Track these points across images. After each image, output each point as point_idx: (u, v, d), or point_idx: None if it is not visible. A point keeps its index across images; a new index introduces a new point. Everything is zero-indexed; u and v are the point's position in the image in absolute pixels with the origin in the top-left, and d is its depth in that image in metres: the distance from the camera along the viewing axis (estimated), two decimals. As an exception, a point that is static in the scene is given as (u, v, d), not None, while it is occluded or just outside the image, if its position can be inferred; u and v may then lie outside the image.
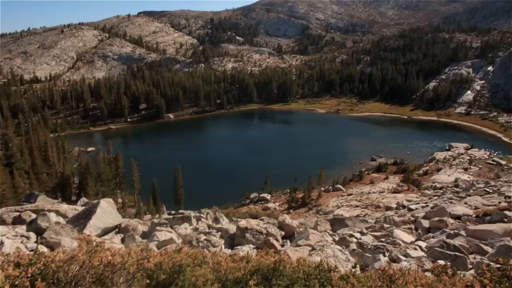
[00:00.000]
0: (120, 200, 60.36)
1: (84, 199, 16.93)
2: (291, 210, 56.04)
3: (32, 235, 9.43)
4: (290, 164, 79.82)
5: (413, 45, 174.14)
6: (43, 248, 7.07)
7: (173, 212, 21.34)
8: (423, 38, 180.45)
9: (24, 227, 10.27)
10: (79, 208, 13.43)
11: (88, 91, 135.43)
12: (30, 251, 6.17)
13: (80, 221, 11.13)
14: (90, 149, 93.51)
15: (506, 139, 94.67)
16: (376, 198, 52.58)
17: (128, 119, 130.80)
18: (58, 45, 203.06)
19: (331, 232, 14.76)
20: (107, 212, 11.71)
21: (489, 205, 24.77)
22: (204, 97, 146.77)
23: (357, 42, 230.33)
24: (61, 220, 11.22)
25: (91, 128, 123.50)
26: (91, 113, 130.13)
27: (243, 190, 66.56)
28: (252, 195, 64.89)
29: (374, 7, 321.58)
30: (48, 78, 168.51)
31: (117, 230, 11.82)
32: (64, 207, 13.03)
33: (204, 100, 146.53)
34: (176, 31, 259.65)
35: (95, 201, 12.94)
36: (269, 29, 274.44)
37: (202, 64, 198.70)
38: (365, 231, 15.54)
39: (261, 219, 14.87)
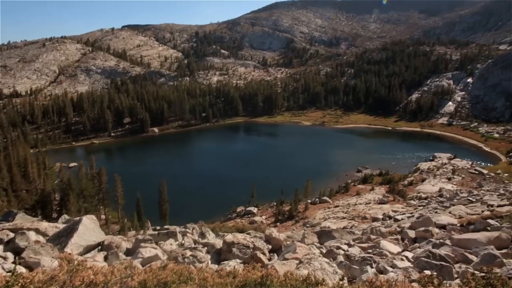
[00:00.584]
0: (103, 217, 59.06)
1: (65, 216, 16.46)
2: (278, 223, 55.76)
3: (10, 255, 9.07)
4: (277, 177, 79.76)
5: (396, 58, 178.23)
6: (21, 269, 6.80)
7: (158, 227, 20.99)
8: (405, 51, 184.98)
9: (1, 247, 9.88)
10: (60, 225, 13.03)
11: (71, 105, 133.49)
12: (8, 272, 5.92)
13: (61, 239, 10.79)
14: (72, 164, 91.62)
15: (487, 149, 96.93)
16: (363, 210, 52.82)
17: (112, 134, 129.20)
18: (40, 59, 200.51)
19: (318, 245, 14.69)
20: (89, 229, 11.40)
21: (472, 214, 25.13)
22: (189, 111, 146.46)
23: (340, 55, 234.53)
24: (41, 238, 10.86)
25: (73, 143, 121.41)
26: (74, 128, 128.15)
27: (230, 204, 66.03)
28: (239, 209, 64.40)
29: (357, 21, 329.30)
30: (29, 92, 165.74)
31: (100, 247, 11.50)
32: (44, 225, 12.64)
33: (189, 113, 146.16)
34: (160, 45, 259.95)
35: (77, 218, 12.58)
36: (254, 42, 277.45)
37: (187, 78, 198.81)
38: (352, 242, 15.52)
39: (248, 233, 14.71)
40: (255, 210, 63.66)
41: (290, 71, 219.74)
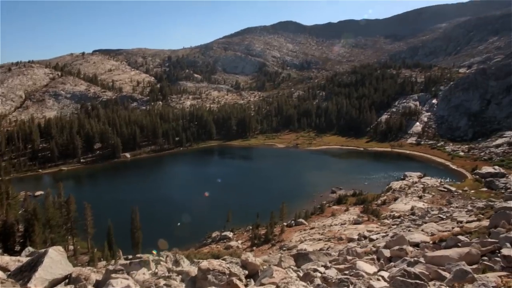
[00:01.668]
0: (71, 247, 56.46)
1: (29, 249, 15.55)
2: (254, 247, 54.98)
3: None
4: (252, 200, 79.32)
5: (365, 81, 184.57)
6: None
7: (130, 256, 20.19)
8: (373, 74, 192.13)
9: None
10: (23, 259, 12.27)
11: (37, 131, 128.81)
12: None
13: (24, 274, 10.13)
14: (38, 193, 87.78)
15: (453, 167, 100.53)
16: (338, 230, 53.05)
17: (82, 160, 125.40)
18: (5, 84, 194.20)
19: (295, 268, 14.50)
20: (56, 261, 10.78)
21: (444, 231, 25.71)
22: (162, 135, 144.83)
23: (312, 78, 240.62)
24: (1, 274, 10.17)
25: (40, 170, 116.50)
26: (40, 155, 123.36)
27: (205, 229, 64.81)
28: (214, 234, 63.18)
29: (327, 45, 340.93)
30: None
31: (67, 281, 10.86)
32: (6, 259, 11.86)
33: (162, 138, 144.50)
34: (133, 69, 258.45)
35: (43, 250, 11.89)
36: (227, 66, 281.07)
37: (160, 102, 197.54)
38: (329, 264, 15.43)
39: (224, 259, 14.36)
40: (230, 234, 62.62)
41: (263, 94, 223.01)
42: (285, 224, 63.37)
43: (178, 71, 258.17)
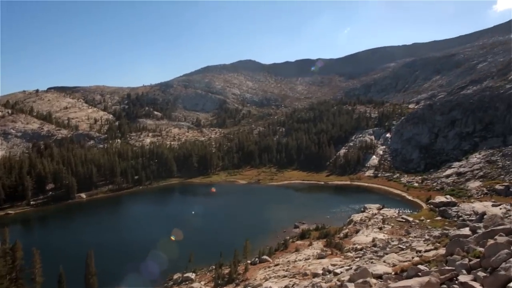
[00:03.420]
0: (17, 299, 51.34)
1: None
2: (218, 288, 52.92)
3: None
4: (215, 238, 77.40)
5: (322, 116, 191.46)
6: None
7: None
8: (330, 110, 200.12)
9: None
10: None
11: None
12: None
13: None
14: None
15: (409, 197, 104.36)
16: (303, 266, 52.49)
17: (32, 202, 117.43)
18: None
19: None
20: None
21: (404, 261, 26.14)
22: (121, 174, 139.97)
23: (271, 115, 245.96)
24: None
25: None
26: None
27: (166, 271, 61.75)
28: (176, 276, 60.31)
29: (285, 83, 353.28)
30: None
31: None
32: None
33: (121, 176, 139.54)
34: (90, 107, 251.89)
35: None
36: (187, 104, 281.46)
37: (119, 140, 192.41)
38: (294, 302, 15.08)
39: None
40: (193, 275, 60.04)
41: (224, 131, 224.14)
42: (249, 262, 61.87)
43: (138, 109, 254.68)
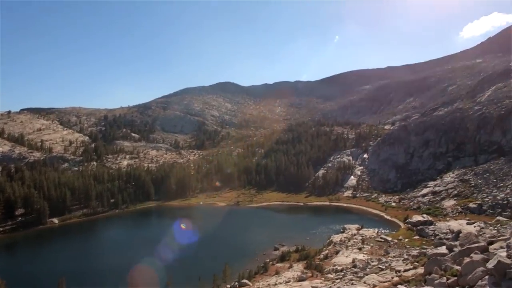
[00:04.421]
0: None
1: None
2: (196, 315, 51.20)
3: None
4: (193, 262, 75.47)
5: (301, 138, 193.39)
6: None
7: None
8: (308, 131, 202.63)
9: None
10: None
11: None
12: None
13: None
14: None
15: (388, 217, 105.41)
16: (283, 289, 51.63)
17: None
18: None
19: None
20: None
21: (384, 282, 26.10)
22: (96, 197, 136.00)
23: (250, 136, 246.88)
24: None
25: None
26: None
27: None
28: (152, 303, 58.17)
29: (264, 105, 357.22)
30: None
31: None
32: None
33: (96, 200, 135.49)
34: (65, 129, 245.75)
35: None
36: (165, 125, 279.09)
37: (95, 162, 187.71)
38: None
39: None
40: (170, 302, 58.06)
41: (202, 153, 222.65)
42: (228, 286, 60.49)
43: (115, 131, 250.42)
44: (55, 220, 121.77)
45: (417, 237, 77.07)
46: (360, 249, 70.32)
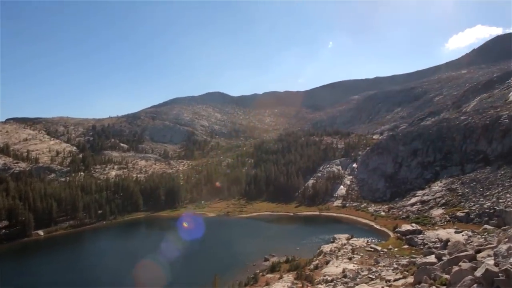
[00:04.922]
0: None
1: None
2: (185, 328, 50.33)
3: None
4: (182, 274, 74.39)
5: (291, 148, 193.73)
6: None
7: None
8: (298, 141, 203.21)
9: None
10: None
11: None
12: None
13: None
14: None
15: (377, 226, 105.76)
16: (273, 300, 51.16)
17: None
18: None
19: None
20: None
21: (374, 292, 26.03)
22: (83, 208, 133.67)
23: (240, 146, 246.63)
24: None
25: None
26: None
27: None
28: (140, 316, 57.04)
29: (253, 115, 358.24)
30: None
31: None
32: None
33: (83, 211, 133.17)
34: (52, 139, 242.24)
35: None
36: (155, 135, 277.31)
37: (82, 173, 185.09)
38: None
39: None
40: (158, 315, 57.02)
41: (192, 163, 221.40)
42: (218, 298, 59.74)
43: (103, 141, 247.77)
44: (41, 232, 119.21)
45: (406, 246, 77.38)
46: (350, 259, 70.26)
